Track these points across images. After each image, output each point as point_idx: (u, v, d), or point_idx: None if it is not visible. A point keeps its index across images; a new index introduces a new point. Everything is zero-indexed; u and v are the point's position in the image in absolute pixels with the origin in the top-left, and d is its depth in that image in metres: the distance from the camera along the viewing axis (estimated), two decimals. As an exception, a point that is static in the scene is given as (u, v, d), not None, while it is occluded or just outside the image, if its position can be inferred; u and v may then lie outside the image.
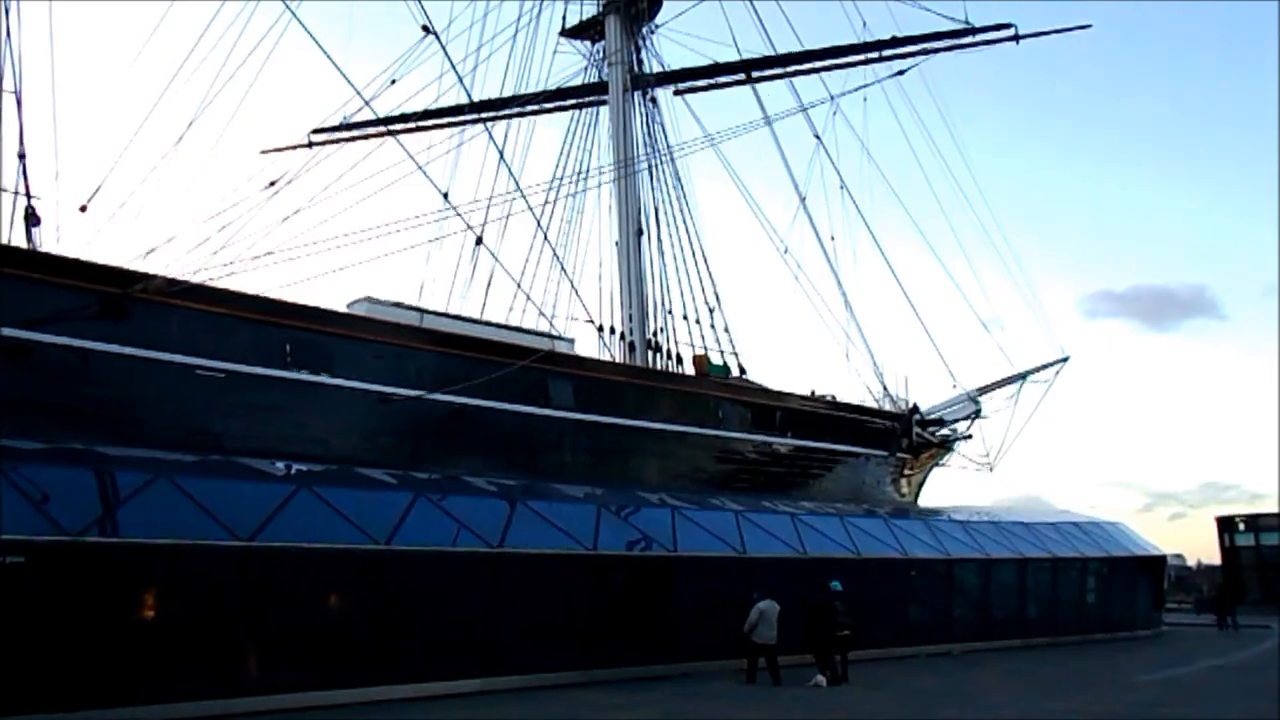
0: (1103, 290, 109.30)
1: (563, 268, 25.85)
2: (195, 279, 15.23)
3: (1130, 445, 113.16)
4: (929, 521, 24.42)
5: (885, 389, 28.63)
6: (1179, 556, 52.55)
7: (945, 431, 30.60)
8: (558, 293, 25.98)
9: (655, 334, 26.45)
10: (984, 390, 30.14)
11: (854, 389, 28.38)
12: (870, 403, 28.18)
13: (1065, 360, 30.11)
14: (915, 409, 29.00)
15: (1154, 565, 29.24)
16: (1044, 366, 29.90)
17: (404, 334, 18.41)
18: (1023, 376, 29.75)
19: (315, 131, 28.11)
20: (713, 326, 27.12)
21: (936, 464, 31.34)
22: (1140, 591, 28.62)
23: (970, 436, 30.78)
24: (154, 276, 15.05)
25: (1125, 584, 27.80)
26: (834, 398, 27.37)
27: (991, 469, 29.96)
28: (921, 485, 31.31)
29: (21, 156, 14.37)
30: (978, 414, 30.30)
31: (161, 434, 14.60)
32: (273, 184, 21.56)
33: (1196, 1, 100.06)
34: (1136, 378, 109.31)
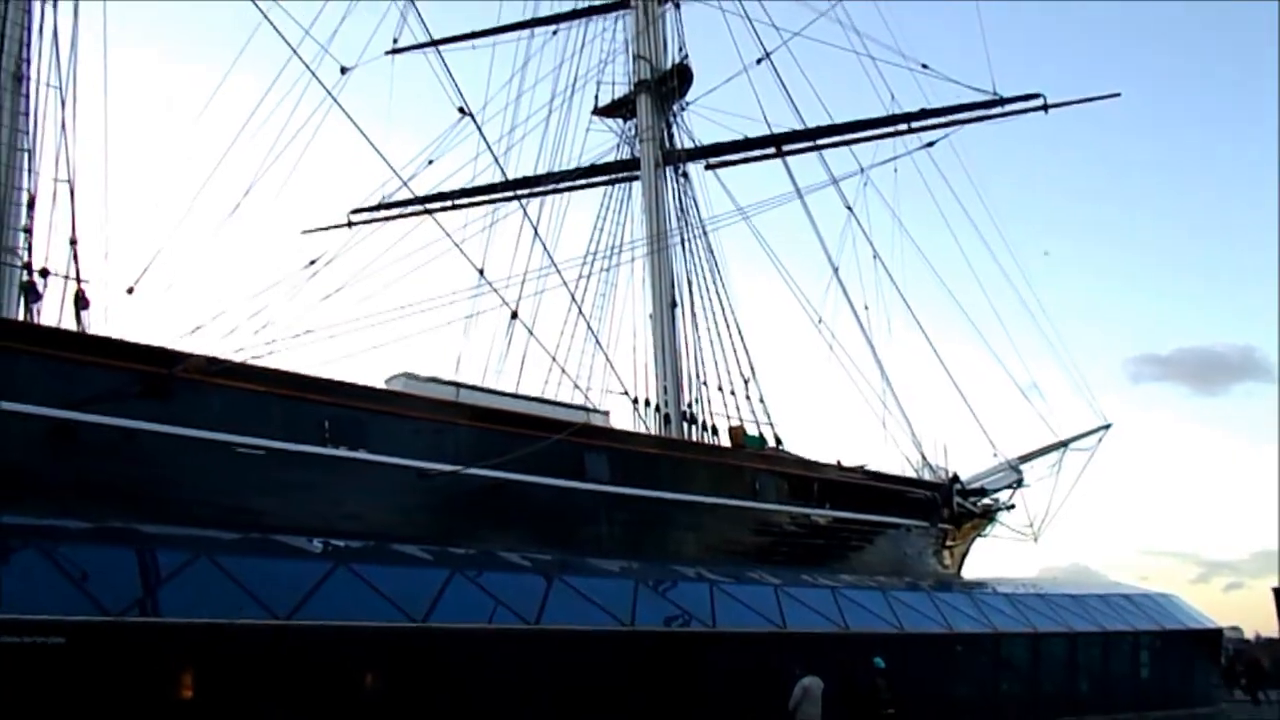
0: (1147, 353, 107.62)
1: (597, 341, 25.99)
2: (236, 358, 15.48)
3: (1180, 513, 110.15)
4: (974, 594, 23.90)
5: (924, 458, 28.27)
6: (1236, 629, 50.70)
7: (987, 501, 30.05)
8: (592, 366, 26.09)
9: (690, 406, 26.39)
10: (1025, 459, 29.65)
11: (892, 458, 28.04)
12: (909, 472, 27.83)
13: (1107, 427, 29.62)
14: (955, 478, 28.55)
15: (1210, 639, 28.31)
16: (1086, 434, 29.43)
17: (440, 409, 18.49)
18: (1065, 444, 29.27)
19: (355, 211, 28.77)
20: (748, 398, 26.98)
21: (979, 535, 30.71)
22: (1197, 666, 27.69)
23: (1013, 506, 30.17)
24: (196, 356, 15.31)
25: (1180, 659, 26.92)
26: (866, 468, 27.06)
27: (1036, 539, 29.33)
28: (964, 557, 30.66)
29: (73, 242, 14.80)
30: (1020, 483, 29.75)
31: (202, 512, 14.69)
32: (313, 263, 22.09)
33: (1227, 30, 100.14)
34: (1185, 443, 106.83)
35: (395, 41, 28.11)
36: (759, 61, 26.86)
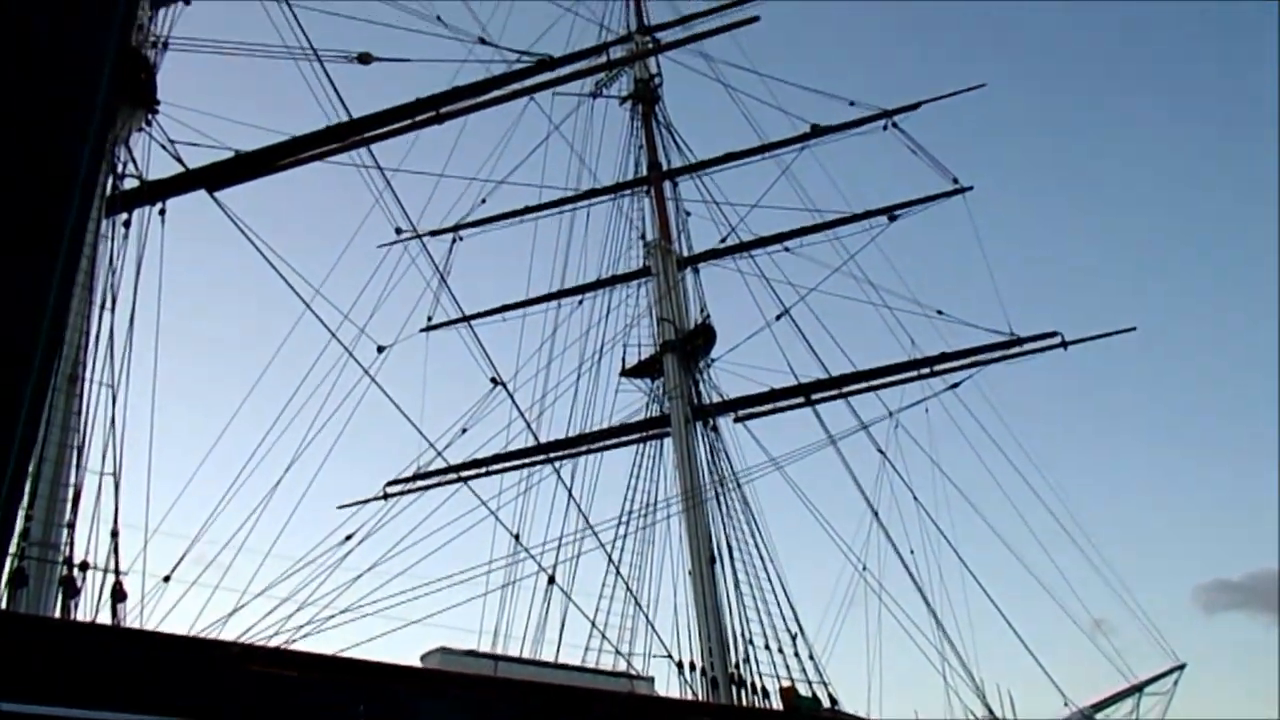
0: (1217, 580, 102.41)
1: (637, 602, 25.36)
2: (271, 643, 15.15)
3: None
4: None
5: (989, 710, 26.57)
6: None
7: (1066, 756, 27.96)
8: (634, 628, 25.31)
9: (737, 666, 25.30)
10: (1099, 706, 27.82)
11: (955, 711, 26.40)
12: (977, 726, 26.10)
13: (1182, 667, 27.99)
14: (1028, 731, 26.76)
15: None
16: (1160, 676, 27.80)
17: (478, 686, 17.79)
18: (1139, 689, 27.59)
19: (390, 484, 29.00)
20: (796, 655, 25.92)
21: (1064, 795, 28.36)
22: None
23: (1095, 760, 28.06)
24: (230, 644, 14.97)
25: None
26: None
27: (1131, 800, 27.00)
28: (1049, 822, 28.16)
29: (114, 534, 14.89)
30: (1098, 734, 27.82)
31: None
32: (348, 538, 22.00)
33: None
34: (1273, 677, 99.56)
35: (429, 319, 29.57)
36: (778, 318, 27.94)
